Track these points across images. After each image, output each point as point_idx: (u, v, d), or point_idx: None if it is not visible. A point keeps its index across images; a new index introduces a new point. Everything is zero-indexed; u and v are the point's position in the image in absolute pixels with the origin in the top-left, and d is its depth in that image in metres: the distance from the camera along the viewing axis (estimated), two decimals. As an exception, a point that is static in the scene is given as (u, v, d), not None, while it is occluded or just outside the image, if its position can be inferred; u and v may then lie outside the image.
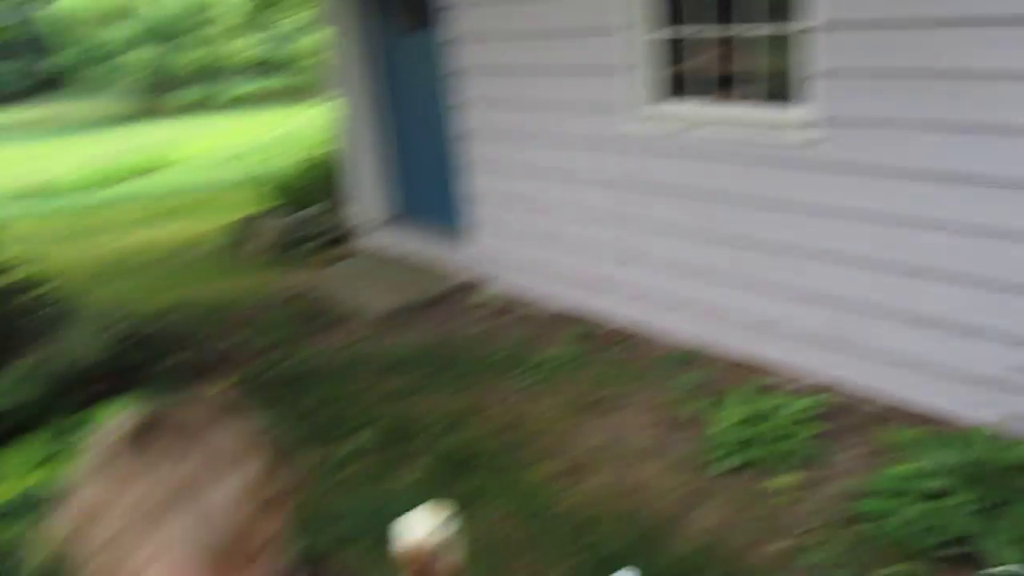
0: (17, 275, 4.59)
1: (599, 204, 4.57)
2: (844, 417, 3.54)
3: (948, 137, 3.13)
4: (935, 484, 2.77)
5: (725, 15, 3.83)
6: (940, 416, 3.38)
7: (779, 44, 3.66)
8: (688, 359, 4.23)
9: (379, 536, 1.65)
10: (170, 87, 25.29)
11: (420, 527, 1.49)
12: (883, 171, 3.35)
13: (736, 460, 3.25)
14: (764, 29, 3.69)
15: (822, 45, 3.40)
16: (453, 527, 1.53)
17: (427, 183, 6.10)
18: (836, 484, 3.12)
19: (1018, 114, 2.93)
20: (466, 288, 5.50)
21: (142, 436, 0.90)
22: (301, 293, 5.81)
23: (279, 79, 25.11)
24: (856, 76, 3.33)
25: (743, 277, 3.99)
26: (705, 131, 3.96)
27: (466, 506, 2.96)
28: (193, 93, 25.11)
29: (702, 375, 4.02)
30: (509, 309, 5.18)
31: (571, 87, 4.50)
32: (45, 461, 3.13)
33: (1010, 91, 2.93)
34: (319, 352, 4.83)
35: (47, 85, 29.14)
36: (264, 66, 25.42)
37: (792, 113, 3.63)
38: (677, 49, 4.09)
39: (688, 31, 3.99)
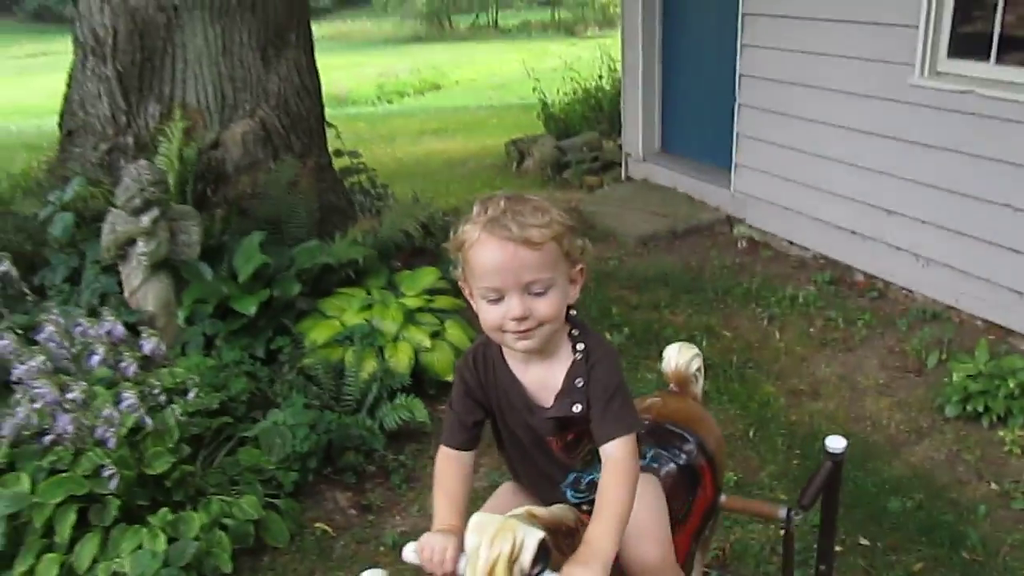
0: (347, 162, 5.52)
1: (869, 156, 4.71)
2: (1090, 390, 3.57)
3: None
4: None
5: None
6: None
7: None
8: (936, 315, 4.36)
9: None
10: (456, 11, 26.83)
11: (681, 352, 1.99)
12: None
13: (970, 407, 3.43)
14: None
15: None
16: (701, 361, 2.03)
17: (697, 121, 6.43)
18: (1067, 446, 3.24)
19: None
20: (724, 223, 5.83)
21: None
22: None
23: (560, 10, 25.84)
24: None
25: (1006, 243, 4.03)
26: (991, 92, 3.99)
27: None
28: (477, 18, 26.47)
29: (946, 330, 4.15)
30: (763, 247, 5.48)
31: (857, 38, 4.63)
32: (365, 308, 3.93)
33: None
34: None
35: (349, 2, 31.83)
36: (546, -3, 26.27)
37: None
38: (972, 8, 4.12)
39: (992, -7, 4.01)
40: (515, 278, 1.41)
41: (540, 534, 1.28)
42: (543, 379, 1.53)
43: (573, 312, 1.55)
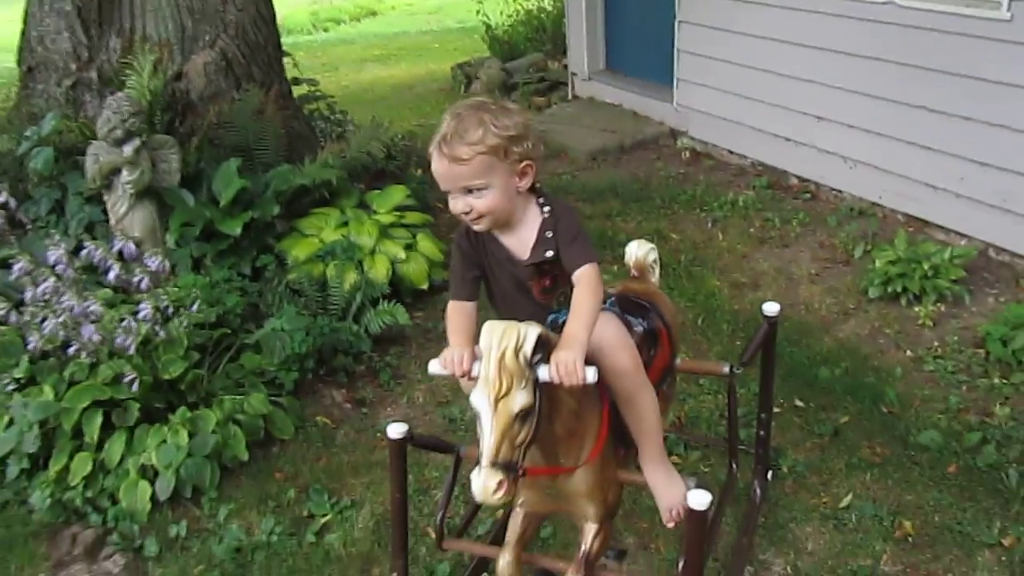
0: (305, 89, 5.68)
1: (798, 66, 5.06)
2: (990, 271, 4.08)
3: None
4: (1056, 319, 3.32)
5: None
6: (1084, 277, 3.84)
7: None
8: (862, 212, 4.79)
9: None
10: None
11: (640, 247, 2.34)
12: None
13: (890, 288, 3.88)
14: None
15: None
16: (656, 254, 2.38)
17: (640, 39, 6.68)
18: (969, 317, 3.71)
19: None
20: (668, 136, 6.17)
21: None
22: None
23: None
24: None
25: (924, 142, 4.44)
26: (908, 3, 4.34)
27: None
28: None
29: (871, 225, 4.59)
30: (705, 157, 5.84)
31: (789, -44, 4.93)
32: (341, 225, 4.19)
33: None
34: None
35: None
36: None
37: (994, -8, 3.98)
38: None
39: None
40: (454, 184, 1.82)
41: (539, 329, 1.63)
42: (520, 238, 1.90)
43: (537, 185, 1.92)
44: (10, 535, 2.81)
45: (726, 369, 2.31)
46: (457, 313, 1.94)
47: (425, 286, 4.04)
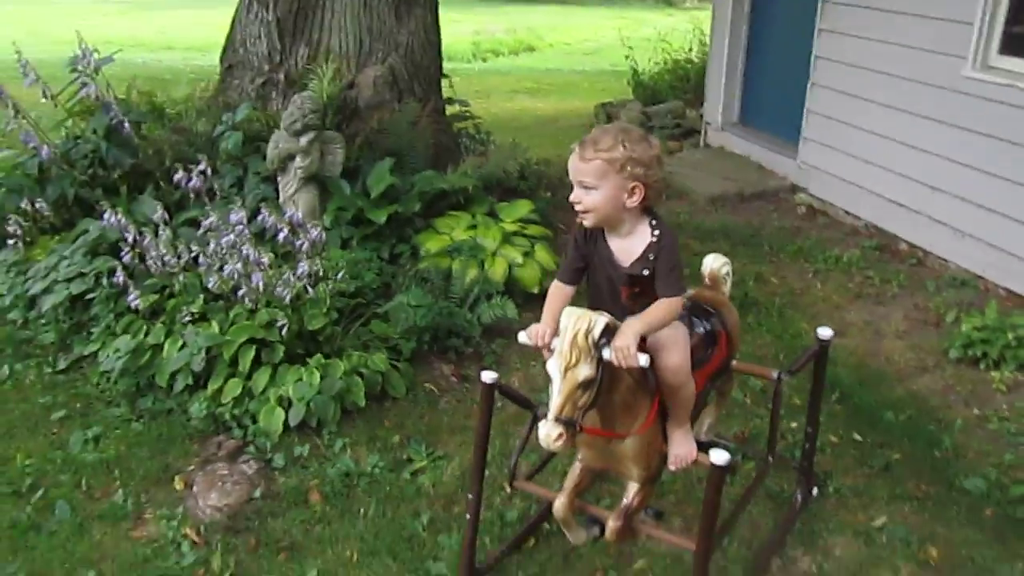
0: (457, 109, 6.32)
1: (920, 137, 5.28)
2: (1081, 349, 4.17)
3: None
4: (1125, 398, 3.46)
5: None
6: None
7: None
8: (962, 283, 4.95)
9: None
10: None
11: (716, 260, 2.74)
12: None
13: (971, 351, 4.08)
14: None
15: None
16: (730, 267, 2.76)
17: (773, 96, 7.01)
18: (1047, 388, 3.87)
19: None
20: (788, 190, 6.46)
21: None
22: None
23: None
24: None
25: (1031, 221, 4.61)
26: (1031, 89, 4.55)
27: (746, 332, 4.16)
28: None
29: (968, 294, 4.77)
30: (821, 214, 6.11)
31: (920, 31, 5.19)
32: (471, 227, 4.74)
33: None
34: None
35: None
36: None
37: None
38: (1021, 9, 4.66)
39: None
40: (574, 176, 2.21)
41: (607, 318, 2.07)
42: (626, 249, 2.27)
43: (653, 209, 2.29)
44: (171, 434, 3.46)
45: (775, 375, 2.66)
46: (556, 293, 2.38)
47: (536, 290, 4.51)
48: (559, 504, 2.47)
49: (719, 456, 2.08)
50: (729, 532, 2.84)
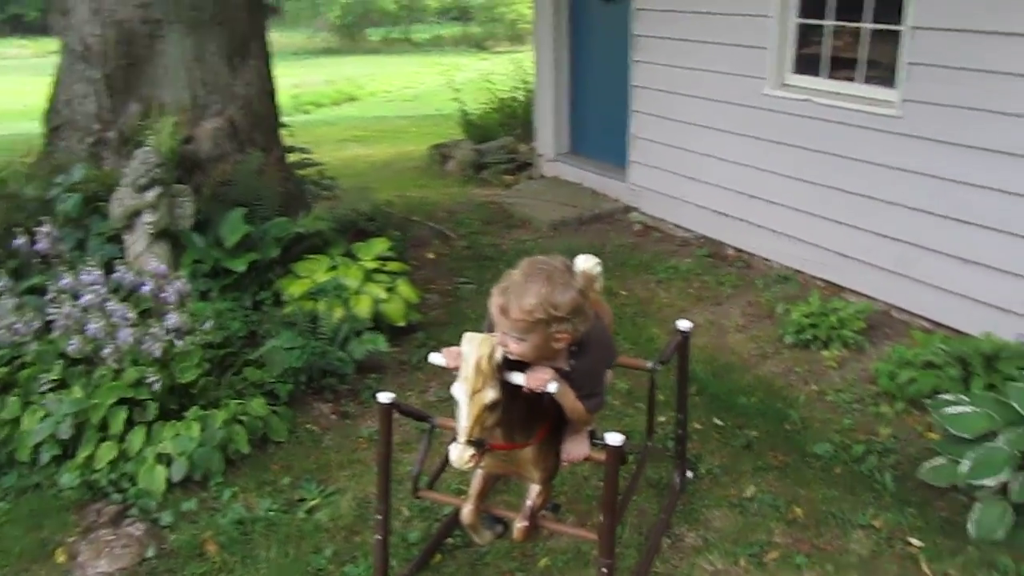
0: (298, 157, 6.34)
1: (733, 152, 5.84)
2: (891, 326, 4.75)
3: (995, 121, 4.23)
4: (932, 360, 3.97)
5: (847, 10, 5.00)
6: (964, 333, 4.51)
7: (882, 38, 4.81)
8: (785, 278, 5.48)
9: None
10: (368, 24, 27.61)
11: (587, 260, 2.95)
12: (942, 143, 4.48)
13: (800, 337, 4.53)
14: (872, 24, 4.86)
15: (908, 43, 4.54)
16: (600, 267, 2.98)
17: (600, 125, 7.50)
18: (868, 361, 4.36)
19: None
20: (622, 211, 6.90)
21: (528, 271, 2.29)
22: (489, 202, 7.38)
23: (471, 25, 26.91)
24: (929, 69, 4.47)
25: (837, 217, 5.18)
26: (823, 100, 5.15)
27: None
28: (389, 32, 27.29)
29: (792, 288, 5.29)
30: (654, 230, 6.56)
31: (723, 57, 5.76)
32: (331, 269, 4.77)
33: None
34: (499, 244, 6.37)
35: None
36: (457, 11, 27.32)
37: (884, 93, 4.79)
38: (808, 34, 5.29)
39: (821, 20, 5.18)
40: (498, 326, 2.24)
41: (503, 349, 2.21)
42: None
43: (577, 340, 2.29)
44: (44, 507, 3.28)
45: (649, 364, 2.90)
46: None
47: (403, 323, 4.61)
48: (467, 511, 2.58)
49: (614, 439, 2.27)
50: (620, 520, 3.03)
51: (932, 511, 3.21)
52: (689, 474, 3.39)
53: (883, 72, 4.89)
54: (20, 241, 3.95)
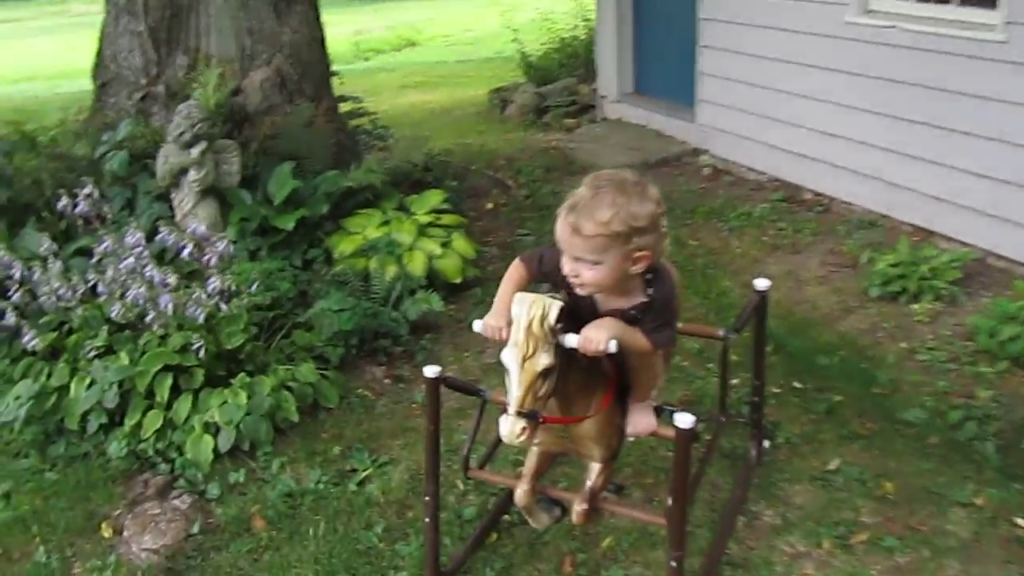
0: (351, 106, 6.12)
1: (812, 87, 5.39)
2: (987, 275, 4.34)
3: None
4: (1039, 314, 3.59)
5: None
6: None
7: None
8: (869, 224, 5.07)
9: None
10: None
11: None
12: (1058, 70, 4.01)
13: (887, 289, 4.17)
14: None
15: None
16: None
17: (665, 63, 7.07)
18: (963, 315, 3.98)
19: None
20: (690, 154, 6.51)
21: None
22: (552, 147, 7.06)
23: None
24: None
25: (927, 156, 4.74)
26: (911, 26, 4.67)
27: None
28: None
29: (877, 234, 4.88)
30: (725, 173, 6.17)
31: (803, -16, 5.29)
32: (383, 224, 4.58)
33: None
34: (561, 192, 6.07)
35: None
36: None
37: (983, 15, 4.30)
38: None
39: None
40: (569, 250, 1.98)
41: (562, 303, 1.96)
42: (611, 302, 2.11)
43: (654, 265, 2.06)
44: (91, 478, 3.20)
45: (721, 333, 2.63)
46: (514, 275, 2.20)
47: (459, 280, 4.39)
48: (520, 492, 2.38)
49: (684, 419, 2.02)
50: (691, 498, 2.80)
51: (1042, 486, 2.89)
52: (766, 443, 3.11)
53: (984, -8, 4.39)
54: (64, 203, 3.83)
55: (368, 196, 4.84)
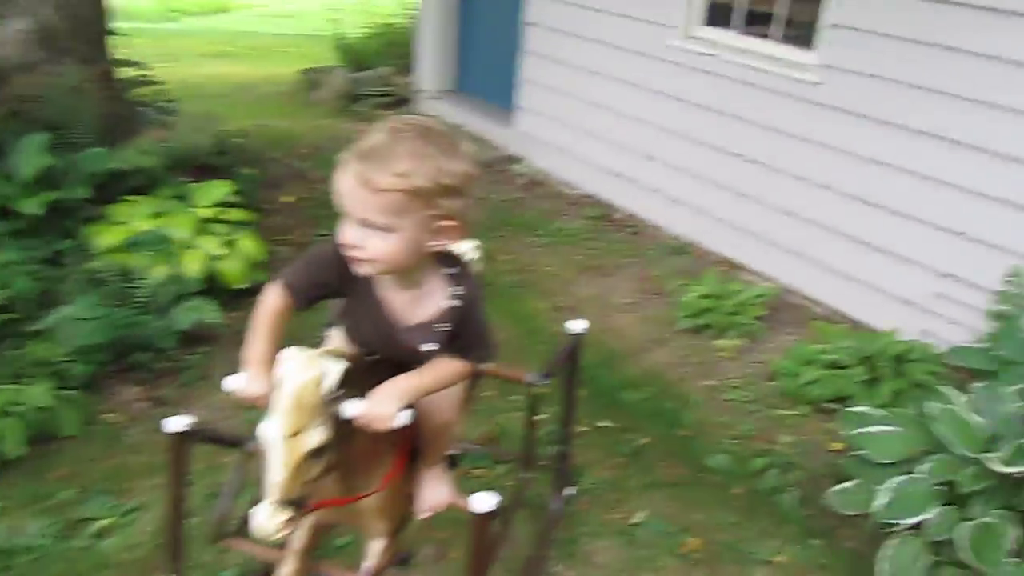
0: (133, 72, 5.38)
1: (632, 106, 5.30)
2: (786, 311, 4.38)
3: (920, 98, 3.84)
4: (837, 359, 3.61)
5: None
6: (867, 323, 4.19)
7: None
8: (679, 250, 5.04)
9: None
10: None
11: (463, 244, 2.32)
12: (862, 116, 4.07)
13: (695, 322, 4.09)
14: (799, -19, 4.37)
15: (832, 1, 4.09)
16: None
17: (488, 64, 6.81)
18: (765, 353, 3.97)
19: (973, 89, 3.65)
20: (505, 161, 6.27)
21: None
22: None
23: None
24: (854, 33, 4.03)
25: (736, 187, 4.75)
26: (733, 57, 4.65)
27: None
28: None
29: (686, 262, 4.85)
30: (541, 184, 5.98)
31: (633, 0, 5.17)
32: (156, 215, 3.97)
33: (977, 69, 3.64)
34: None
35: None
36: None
37: (801, 55, 4.34)
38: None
39: (738, -30, 4.66)
40: (354, 210, 1.50)
41: (343, 364, 1.57)
42: (407, 305, 1.65)
43: (456, 255, 1.66)
44: None
45: (529, 378, 2.35)
46: (275, 308, 1.68)
47: (243, 285, 3.88)
48: (287, 573, 1.97)
49: (483, 502, 1.70)
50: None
51: (839, 542, 2.84)
52: (572, 491, 2.88)
53: (803, 32, 4.43)
54: None
55: (141, 181, 4.21)
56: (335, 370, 1.53)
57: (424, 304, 1.66)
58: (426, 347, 1.68)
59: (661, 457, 3.19)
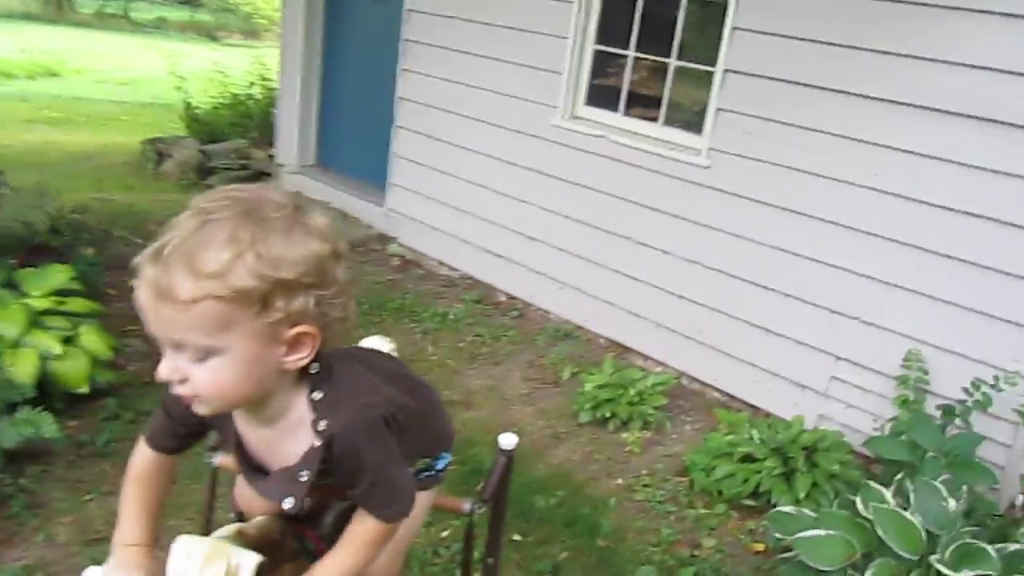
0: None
1: (513, 186, 5.11)
2: (685, 398, 4.23)
3: (810, 183, 3.84)
4: (749, 451, 3.45)
5: (654, 45, 4.46)
6: (765, 409, 4.09)
7: (689, 76, 4.33)
8: (566, 334, 4.82)
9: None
10: (80, -7, 24.24)
11: (379, 341, 1.98)
12: (752, 200, 4.04)
13: (599, 413, 3.85)
14: (679, 62, 4.36)
15: (718, 86, 4.08)
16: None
17: (356, 139, 6.49)
18: (672, 445, 3.78)
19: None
20: (377, 240, 5.93)
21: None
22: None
23: (199, 12, 24.53)
24: (741, 117, 4.02)
25: (628, 272, 4.61)
26: (618, 139, 4.56)
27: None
28: (106, 5, 24.15)
29: (576, 347, 4.64)
30: (415, 265, 5.66)
31: (509, 77, 5.02)
32: (-19, 308, 3.38)
33: (865, 155, 3.67)
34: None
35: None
36: (187, -5, 24.83)
37: (690, 139, 4.30)
38: (608, 64, 4.70)
39: (622, 50, 4.60)
40: (161, 332, 1.10)
41: (257, 558, 1.17)
42: (271, 445, 1.27)
43: (317, 370, 1.22)
44: None
45: (467, 507, 2.00)
46: (143, 470, 1.31)
47: (85, 390, 3.31)
48: None
49: None
50: None
51: (782, 664, 2.60)
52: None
53: (689, 115, 4.40)
54: None
55: (-40, 265, 3.58)
56: (249, 565, 1.14)
57: (288, 443, 1.24)
58: (287, 504, 1.24)
59: (584, 574, 2.87)
